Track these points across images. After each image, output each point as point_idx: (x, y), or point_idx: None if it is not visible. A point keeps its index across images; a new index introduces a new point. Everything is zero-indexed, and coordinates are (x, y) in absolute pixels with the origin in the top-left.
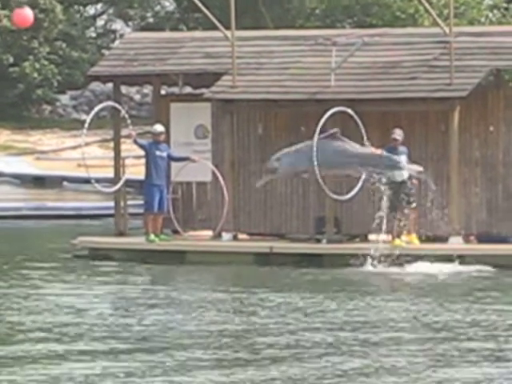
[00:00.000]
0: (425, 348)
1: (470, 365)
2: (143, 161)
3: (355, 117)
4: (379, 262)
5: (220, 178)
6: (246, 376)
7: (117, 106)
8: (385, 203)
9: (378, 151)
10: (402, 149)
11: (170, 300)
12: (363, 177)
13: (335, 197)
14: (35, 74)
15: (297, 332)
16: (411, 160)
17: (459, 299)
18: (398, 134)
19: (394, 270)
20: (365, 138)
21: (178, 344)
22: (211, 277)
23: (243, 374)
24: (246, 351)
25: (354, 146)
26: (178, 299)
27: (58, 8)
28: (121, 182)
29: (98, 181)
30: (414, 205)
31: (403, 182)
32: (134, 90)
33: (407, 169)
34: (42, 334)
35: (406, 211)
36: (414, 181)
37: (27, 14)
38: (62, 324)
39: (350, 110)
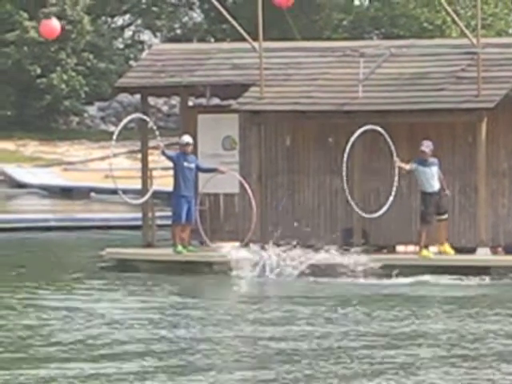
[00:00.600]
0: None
1: None
2: (171, 172)
3: (385, 135)
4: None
5: (248, 189)
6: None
7: (145, 117)
8: None
9: (407, 166)
10: (432, 160)
11: (200, 312)
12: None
13: (365, 215)
14: (63, 86)
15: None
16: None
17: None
18: (426, 145)
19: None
20: (394, 154)
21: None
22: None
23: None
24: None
25: None
26: (207, 311)
27: (86, 19)
28: (148, 194)
29: (125, 192)
30: (445, 216)
31: (434, 193)
32: (161, 101)
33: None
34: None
35: (436, 222)
36: (447, 191)
37: (54, 25)
38: (92, 336)
39: (379, 128)
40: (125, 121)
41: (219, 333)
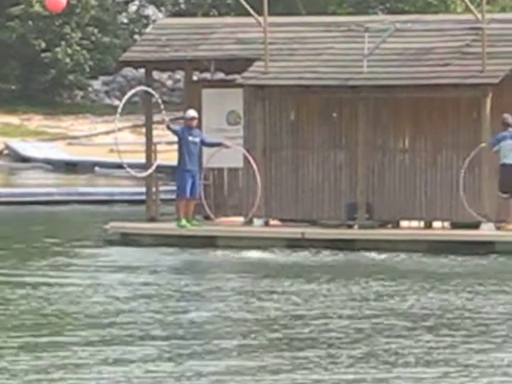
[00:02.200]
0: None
1: None
2: (175, 147)
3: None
4: None
5: (253, 163)
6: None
7: (150, 90)
8: None
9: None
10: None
11: (207, 289)
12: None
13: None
14: (67, 60)
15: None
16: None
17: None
18: (506, 116)
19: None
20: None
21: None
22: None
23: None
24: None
25: None
26: (211, 287)
27: None
28: (153, 167)
29: (129, 166)
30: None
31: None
32: (165, 75)
33: None
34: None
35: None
36: None
37: None
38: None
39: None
40: (129, 94)
41: (226, 310)
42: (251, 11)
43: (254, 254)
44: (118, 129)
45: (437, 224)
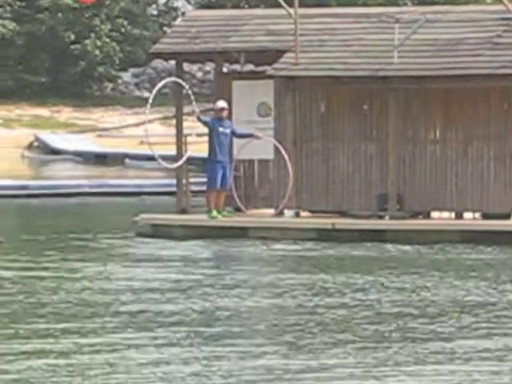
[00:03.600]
0: None
1: None
2: (205, 138)
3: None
4: None
5: (284, 154)
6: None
7: (180, 81)
8: None
9: None
10: None
11: (236, 282)
12: None
13: None
14: (97, 52)
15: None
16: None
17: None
18: None
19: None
20: None
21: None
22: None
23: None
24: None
25: None
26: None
27: None
28: (184, 158)
29: (160, 158)
30: None
31: None
32: (195, 67)
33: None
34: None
35: None
36: None
37: None
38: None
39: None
40: (159, 85)
41: (256, 301)
42: (282, 2)
43: (286, 247)
44: (148, 120)
45: (468, 215)
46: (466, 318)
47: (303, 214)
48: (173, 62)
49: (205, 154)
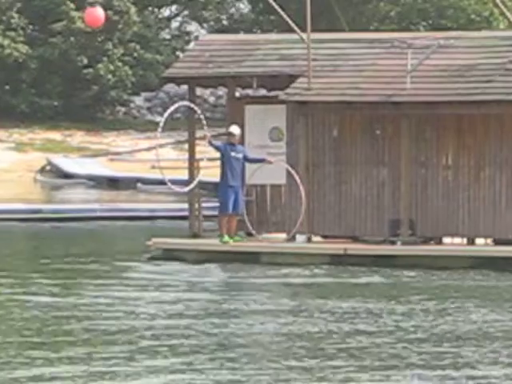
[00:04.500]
0: None
1: None
2: (217, 163)
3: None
4: None
5: (296, 178)
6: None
7: (192, 105)
8: None
9: None
10: None
11: (246, 306)
12: None
13: None
14: (109, 76)
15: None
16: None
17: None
18: None
19: None
20: None
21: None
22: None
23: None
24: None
25: None
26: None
27: (133, 10)
28: (195, 182)
29: (171, 183)
30: None
31: None
32: (208, 91)
33: None
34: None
35: None
36: None
37: (99, 13)
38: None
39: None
40: (172, 108)
41: (265, 326)
42: (295, 27)
43: (298, 272)
44: (159, 145)
45: (479, 241)
46: (488, 344)
47: (315, 238)
48: (185, 87)
49: (217, 178)
